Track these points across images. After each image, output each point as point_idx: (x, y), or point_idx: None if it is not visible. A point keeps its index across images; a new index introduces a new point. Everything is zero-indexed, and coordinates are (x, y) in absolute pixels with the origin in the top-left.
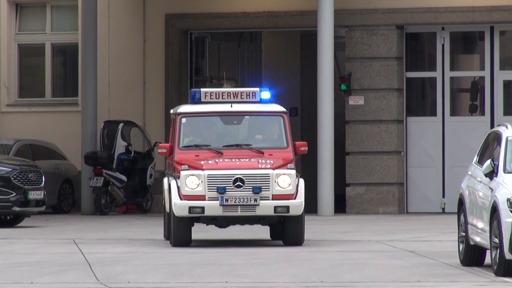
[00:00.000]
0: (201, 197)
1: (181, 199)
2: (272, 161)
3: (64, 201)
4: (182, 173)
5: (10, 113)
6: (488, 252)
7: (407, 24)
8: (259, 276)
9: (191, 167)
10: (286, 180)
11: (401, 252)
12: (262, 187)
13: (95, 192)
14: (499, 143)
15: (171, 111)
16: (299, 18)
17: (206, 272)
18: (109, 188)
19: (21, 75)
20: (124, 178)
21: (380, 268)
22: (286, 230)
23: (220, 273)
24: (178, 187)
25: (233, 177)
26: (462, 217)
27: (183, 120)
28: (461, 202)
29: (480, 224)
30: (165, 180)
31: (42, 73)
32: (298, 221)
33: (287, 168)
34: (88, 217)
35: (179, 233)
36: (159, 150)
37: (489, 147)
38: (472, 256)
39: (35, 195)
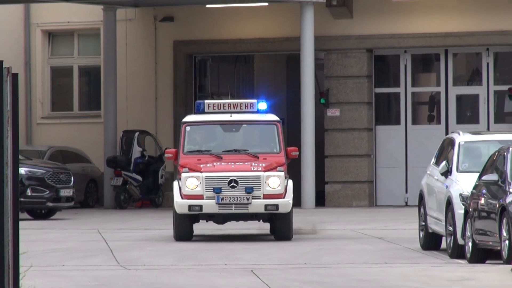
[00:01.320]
0: (200, 197)
1: (182, 198)
2: (263, 164)
3: (89, 197)
4: (183, 175)
5: (44, 124)
6: (443, 238)
7: (375, 48)
8: (253, 259)
9: (191, 170)
10: (276, 181)
11: (371, 238)
12: (254, 187)
13: (115, 190)
14: (453, 147)
15: (182, 121)
16: (285, 44)
17: (209, 256)
18: (127, 186)
19: (53, 93)
20: (139, 178)
21: (353, 252)
22: (276, 226)
23: (221, 257)
24: (179, 188)
25: (228, 178)
26: (422, 209)
27: (188, 128)
28: (421, 197)
29: (437, 215)
30: (174, 184)
31: (70, 90)
32: (286, 218)
33: (277, 171)
34: (109, 210)
35: (181, 228)
36: (166, 155)
37: (444, 151)
38: (430, 241)
39: (65, 192)
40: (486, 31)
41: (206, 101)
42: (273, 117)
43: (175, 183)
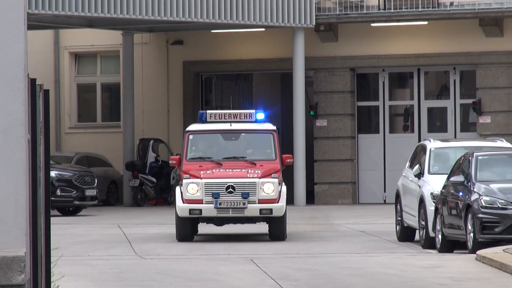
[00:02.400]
0: (199, 201)
1: (183, 202)
2: (259, 171)
3: (110, 196)
4: (184, 181)
5: (71, 134)
6: (417, 231)
7: (358, 67)
8: (252, 250)
9: (192, 176)
10: (270, 187)
11: (354, 232)
12: (249, 193)
13: (133, 190)
14: (425, 153)
15: (186, 130)
16: (279, 63)
17: (214, 247)
18: (143, 187)
19: (79, 106)
20: (154, 179)
21: (340, 243)
22: (270, 228)
23: (224, 249)
24: (181, 193)
25: (226, 184)
26: (398, 206)
27: (190, 136)
28: (397, 196)
29: (411, 211)
30: (177, 188)
31: (94, 104)
32: (280, 221)
33: (271, 177)
34: (128, 208)
35: (182, 230)
36: (171, 162)
37: (417, 156)
38: (405, 234)
39: (90, 192)
40: (453, 52)
41: (208, 111)
42: (269, 126)
43: (178, 188)
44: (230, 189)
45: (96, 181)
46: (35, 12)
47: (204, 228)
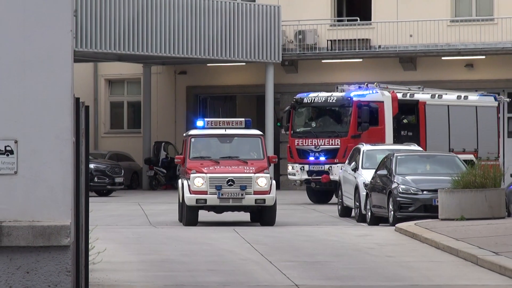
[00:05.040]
0: (204, 192)
1: (190, 193)
2: (254, 168)
3: (133, 183)
4: (192, 175)
5: (106, 137)
6: (353, 210)
7: (312, 92)
8: (236, 224)
9: (198, 171)
10: (263, 181)
11: (308, 210)
12: (246, 185)
13: (149, 178)
14: (359, 153)
15: (183, 135)
16: (256, 88)
17: (215, 225)
18: (156, 176)
19: (111, 118)
20: (164, 171)
21: (297, 217)
22: (262, 216)
23: (216, 224)
24: (188, 185)
25: (227, 178)
26: (339, 192)
27: (193, 139)
28: (339, 184)
29: (349, 195)
30: (179, 181)
31: (122, 116)
32: (271, 209)
33: (264, 173)
34: (146, 191)
35: (189, 217)
36: (176, 160)
37: (354, 155)
38: (345, 212)
39: (118, 179)
40: (380, 82)
41: (206, 119)
42: (258, 132)
43: (180, 182)
44: (231, 182)
45: (123, 171)
46: (80, 50)
47: (202, 217)
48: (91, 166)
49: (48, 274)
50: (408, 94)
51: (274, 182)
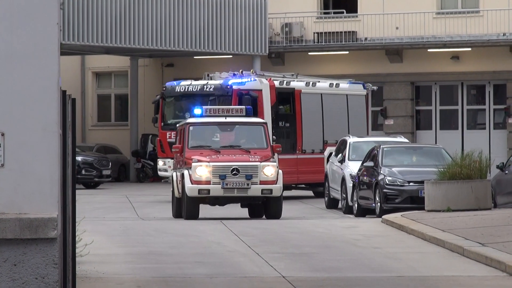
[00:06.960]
0: (207, 182)
1: (192, 183)
2: (259, 157)
3: (120, 175)
4: (193, 164)
5: (93, 130)
6: (340, 201)
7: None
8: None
9: (200, 160)
10: (270, 170)
11: (296, 202)
12: (252, 175)
13: (137, 170)
14: (346, 145)
15: (177, 125)
16: None
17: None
18: (144, 168)
19: (98, 110)
20: (152, 163)
21: (286, 209)
22: (268, 207)
23: (205, 217)
24: (190, 175)
25: (231, 167)
26: (327, 184)
27: (191, 128)
28: (326, 176)
29: (336, 187)
30: (174, 174)
31: (109, 109)
32: (278, 200)
33: (271, 161)
34: (133, 183)
35: (190, 209)
36: (173, 150)
37: (341, 147)
38: (332, 204)
39: (106, 172)
40: (367, 74)
41: (204, 106)
42: (260, 119)
43: (175, 174)
44: (235, 172)
45: (110, 164)
46: (67, 43)
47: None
48: (79, 158)
49: (35, 267)
50: (285, 82)
51: (281, 172)
